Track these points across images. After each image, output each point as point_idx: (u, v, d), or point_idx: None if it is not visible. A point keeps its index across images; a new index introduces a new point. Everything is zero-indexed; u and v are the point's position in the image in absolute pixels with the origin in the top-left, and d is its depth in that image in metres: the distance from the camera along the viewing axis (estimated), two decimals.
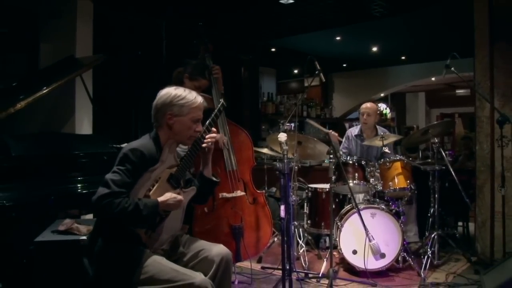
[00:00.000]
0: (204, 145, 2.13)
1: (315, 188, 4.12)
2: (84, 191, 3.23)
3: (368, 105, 4.30)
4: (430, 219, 3.73)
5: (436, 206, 3.67)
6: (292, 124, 3.71)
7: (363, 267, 3.34)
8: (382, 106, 9.45)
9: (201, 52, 3.15)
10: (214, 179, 2.28)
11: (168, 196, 1.97)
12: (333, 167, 3.36)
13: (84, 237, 2.45)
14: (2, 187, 2.80)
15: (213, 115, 2.19)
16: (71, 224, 2.57)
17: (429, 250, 3.54)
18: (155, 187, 1.99)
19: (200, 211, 2.91)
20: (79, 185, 3.27)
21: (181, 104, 2.04)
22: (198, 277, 1.91)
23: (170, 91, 2.07)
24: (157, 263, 1.93)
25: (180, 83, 3.09)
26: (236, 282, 3.21)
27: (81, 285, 2.19)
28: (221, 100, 2.36)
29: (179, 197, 2.00)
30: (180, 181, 2.09)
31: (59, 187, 3.12)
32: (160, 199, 1.95)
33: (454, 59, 3.36)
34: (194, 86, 3.03)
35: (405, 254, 3.54)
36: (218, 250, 2.11)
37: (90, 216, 3.49)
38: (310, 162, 5.29)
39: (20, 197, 2.81)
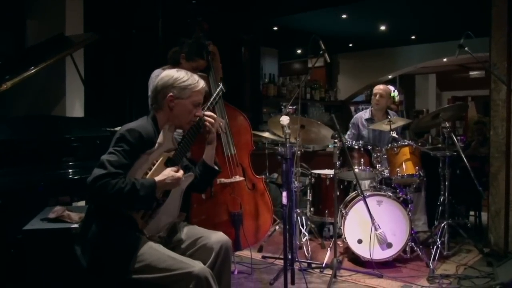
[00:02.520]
0: (206, 123, 2.13)
1: (319, 174, 4.07)
2: (75, 177, 3.18)
3: (381, 86, 4.31)
4: (440, 208, 3.64)
5: (446, 194, 3.59)
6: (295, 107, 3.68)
7: (369, 257, 3.29)
8: (391, 89, 9.35)
9: (196, 32, 3.07)
10: (216, 168, 2.25)
11: (166, 174, 1.95)
12: (338, 152, 3.29)
13: (76, 225, 2.39)
14: None
15: (211, 99, 2.20)
16: (62, 212, 2.51)
17: (438, 240, 3.46)
18: (152, 170, 1.97)
19: (197, 198, 2.87)
20: (70, 171, 3.23)
21: (183, 87, 2.04)
22: (197, 265, 1.87)
23: (171, 73, 2.07)
24: (154, 250, 1.90)
25: (176, 63, 3.06)
26: (235, 272, 3.19)
27: (74, 275, 2.15)
28: (220, 84, 2.37)
29: (177, 174, 1.97)
30: (178, 165, 2.05)
31: (50, 172, 3.08)
32: (158, 178, 1.93)
33: (468, 38, 3.21)
34: (191, 66, 2.96)
35: (413, 244, 3.47)
36: (217, 237, 2.08)
37: (82, 203, 3.45)
38: (313, 147, 5.26)
39: (8, 184, 2.77)
